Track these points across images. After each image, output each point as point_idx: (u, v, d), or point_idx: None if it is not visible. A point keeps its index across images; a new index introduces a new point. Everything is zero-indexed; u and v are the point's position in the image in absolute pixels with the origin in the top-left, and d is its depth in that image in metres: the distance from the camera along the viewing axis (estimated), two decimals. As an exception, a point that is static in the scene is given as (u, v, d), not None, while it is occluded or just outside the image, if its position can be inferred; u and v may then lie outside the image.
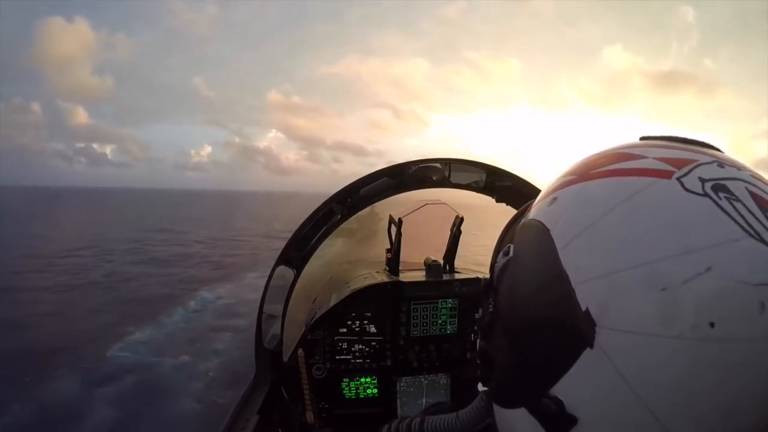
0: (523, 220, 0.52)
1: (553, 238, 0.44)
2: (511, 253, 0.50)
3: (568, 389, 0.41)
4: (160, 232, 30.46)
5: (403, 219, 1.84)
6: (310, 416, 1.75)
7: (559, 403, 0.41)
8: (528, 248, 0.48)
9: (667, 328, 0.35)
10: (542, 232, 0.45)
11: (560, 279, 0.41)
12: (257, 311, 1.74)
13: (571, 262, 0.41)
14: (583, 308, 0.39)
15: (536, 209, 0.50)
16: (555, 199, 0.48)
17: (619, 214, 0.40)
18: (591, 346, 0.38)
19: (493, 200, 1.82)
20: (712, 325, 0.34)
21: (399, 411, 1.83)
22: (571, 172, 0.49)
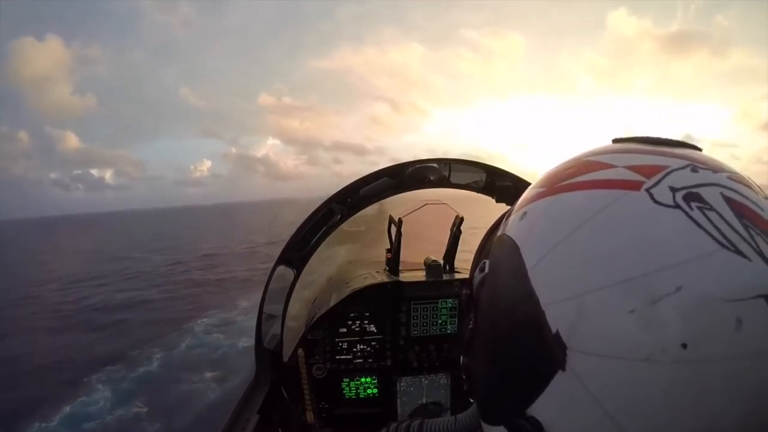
0: (498, 233, 0.52)
1: (523, 257, 0.43)
2: (486, 269, 0.50)
3: (544, 410, 0.41)
4: (115, 262, 26.41)
5: (403, 219, 1.87)
6: (310, 416, 1.74)
7: (536, 424, 0.41)
8: (501, 266, 0.48)
9: (637, 351, 0.34)
10: (513, 249, 0.45)
11: (530, 300, 0.40)
12: (257, 312, 1.73)
13: (540, 282, 0.41)
14: (553, 330, 0.38)
15: (509, 223, 0.50)
16: (525, 213, 0.47)
17: (586, 232, 0.39)
18: (563, 369, 0.38)
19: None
20: (684, 346, 0.33)
21: (399, 411, 1.82)
22: (541, 184, 0.48)
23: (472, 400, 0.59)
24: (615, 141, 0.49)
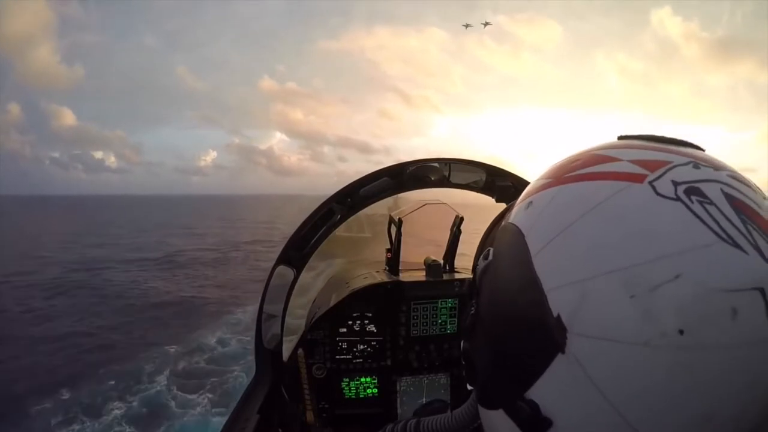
0: (503, 223, 0.53)
1: (527, 243, 0.45)
2: (490, 257, 0.51)
3: (543, 393, 0.42)
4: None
5: (403, 219, 1.87)
6: (310, 416, 1.74)
7: (534, 406, 0.42)
8: (505, 253, 0.49)
9: (636, 335, 0.35)
10: (518, 236, 0.46)
11: (533, 284, 0.42)
12: (258, 311, 1.73)
13: (544, 267, 0.42)
14: (555, 314, 0.39)
15: (514, 213, 0.51)
16: (531, 203, 0.48)
17: (590, 220, 0.40)
18: (563, 351, 0.39)
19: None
20: (681, 332, 0.34)
21: (399, 411, 1.83)
22: (548, 176, 0.50)
23: (470, 387, 0.59)
24: (620, 138, 0.51)
